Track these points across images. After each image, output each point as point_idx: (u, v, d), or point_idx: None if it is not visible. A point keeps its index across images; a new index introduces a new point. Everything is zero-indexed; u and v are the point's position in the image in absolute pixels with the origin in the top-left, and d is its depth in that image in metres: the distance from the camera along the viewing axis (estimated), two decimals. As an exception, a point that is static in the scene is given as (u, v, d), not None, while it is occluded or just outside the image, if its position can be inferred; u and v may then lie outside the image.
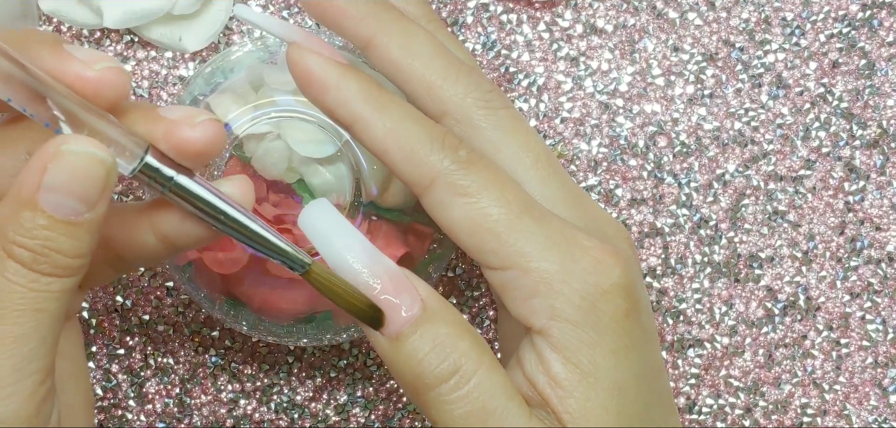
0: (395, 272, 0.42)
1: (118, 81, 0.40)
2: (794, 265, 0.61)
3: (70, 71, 0.39)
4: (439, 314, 0.42)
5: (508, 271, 0.43)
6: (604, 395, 0.43)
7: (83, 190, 0.37)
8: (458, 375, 0.42)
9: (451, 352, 0.42)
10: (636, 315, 0.43)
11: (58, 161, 0.37)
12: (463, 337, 0.42)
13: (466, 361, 0.42)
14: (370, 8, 0.45)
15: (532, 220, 0.43)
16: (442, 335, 0.42)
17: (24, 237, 0.37)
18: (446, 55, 0.45)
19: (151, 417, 0.61)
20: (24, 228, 0.37)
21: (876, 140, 0.61)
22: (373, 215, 0.52)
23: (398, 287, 0.42)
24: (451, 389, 0.42)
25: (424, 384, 0.42)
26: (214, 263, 0.52)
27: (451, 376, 0.42)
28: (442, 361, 0.42)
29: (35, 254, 0.37)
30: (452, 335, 0.42)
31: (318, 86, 0.44)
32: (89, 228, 0.38)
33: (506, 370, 0.45)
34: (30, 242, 0.37)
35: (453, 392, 0.42)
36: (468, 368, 0.42)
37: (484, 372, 0.42)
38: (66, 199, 0.37)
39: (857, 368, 0.61)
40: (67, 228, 0.38)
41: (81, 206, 0.38)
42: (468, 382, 0.42)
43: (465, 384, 0.42)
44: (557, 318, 0.43)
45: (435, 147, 0.43)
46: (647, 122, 0.61)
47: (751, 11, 0.61)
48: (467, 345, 0.42)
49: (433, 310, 0.42)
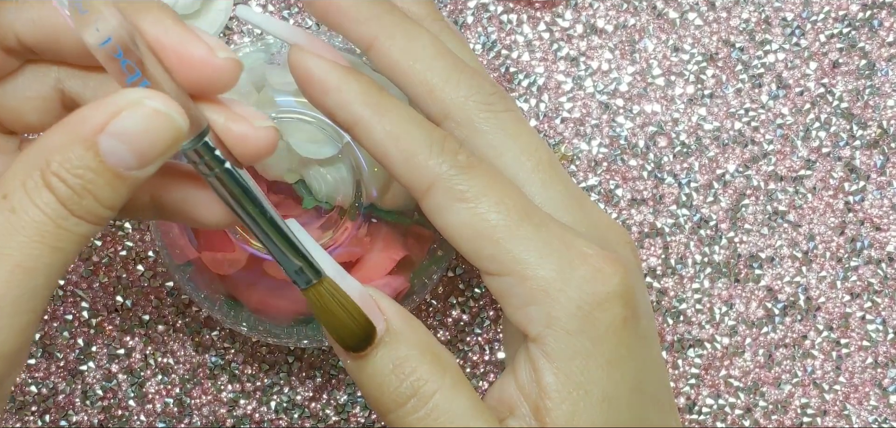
0: (360, 292, 0.42)
1: (235, 75, 0.40)
2: (795, 265, 0.61)
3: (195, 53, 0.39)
4: (401, 335, 0.42)
5: (506, 278, 0.43)
6: (593, 407, 0.42)
7: (146, 148, 0.37)
8: (415, 397, 0.42)
9: (409, 374, 0.42)
10: (634, 323, 0.43)
11: (134, 111, 0.36)
12: (424, 358, 0.42)
13: (425, 384, 0.42)
14: (373, 9, 0.45)
15: (531, 226, 0.43)
16: (402, 357, 0.42)
17: (67, 172, 0.36)
18: (448, 57, 0.45)
19: (151, 417, 0.61)
20: (70, 163, 0.36)
21: (876, 140, 0.61)
22: (373, 217, 0.52)
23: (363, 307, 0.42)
24: (410, 412, 0.42)
25: (385, 406, 0.42)
26: (214, 263, 0.52)
27: (409, 399, 0.42)
28: (401, 384, 0.42)
29: (73, 192, 0.36)
30: (413, 357, 0.42)
31: (319, 87, 0.44)
32: (130, 185, 0.37)
33: (501, 376, 0.45)
34: (72, 178, 0.36)
35: (412, 414, 0.42)
36: (427, 389, 0.42)
37: (444, 393, 0.42)
38: (126, 151, 0.36)
39: (857, 368, 0.61)
40: (112, 178, 0.37)
41: (135, 163, 0.37)
42: (426, 404, 0.42)
43: (423, 406, 0.42)
44: (553, 326, 0.42)
45: (434, 151, 0.43)
46: (648, 123, 0.61)
47: (751, 11, 0.61)
48: (428, 366, 0.42)
49: (395, 331, 0.42)
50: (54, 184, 0.36)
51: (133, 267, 0.61)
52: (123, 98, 0.36)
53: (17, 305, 0.36)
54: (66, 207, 0.36)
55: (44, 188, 0.36)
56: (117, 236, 0.61)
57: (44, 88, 0.43)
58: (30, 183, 0.36)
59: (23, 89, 0.43)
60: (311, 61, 0.43)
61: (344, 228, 0.51)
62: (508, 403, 0.44)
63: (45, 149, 0.37)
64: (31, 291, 0.37)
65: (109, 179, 0.37)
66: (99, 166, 0.36)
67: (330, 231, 0.51)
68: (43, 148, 0.37)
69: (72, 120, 0.37)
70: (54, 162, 0.36)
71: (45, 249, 0.37)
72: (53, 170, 0.36)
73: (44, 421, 0.61)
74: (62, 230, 0.37)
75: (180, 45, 0.39)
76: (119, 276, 0.61)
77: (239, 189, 0.40)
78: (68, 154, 0.36)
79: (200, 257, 0.52)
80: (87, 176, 0.36)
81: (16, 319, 0.37)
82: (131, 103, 0.36)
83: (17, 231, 0.36)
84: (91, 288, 0.61)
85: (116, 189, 0.37)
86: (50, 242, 0.37)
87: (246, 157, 0.40)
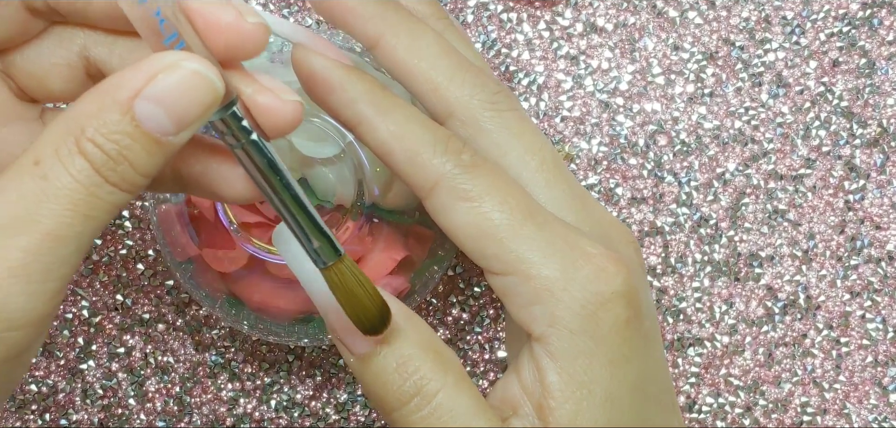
0: None
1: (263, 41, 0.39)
2: (795, 264, 0.61)
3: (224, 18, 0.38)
4: (404, 334, 0.42)
5: (510, 277, 0.43)
6: (596, 406, 0.43)
7: (183, 111, 0.36)
8: (419, 396, 0.42)
9: (413, 373, 0.42)
10: (638, 323, 0.43)
11: (171, 73, 0.36)
12: (427, 356, 0.42)
13: (428, 382, 0.42)
14: (377, 7, 0.45)
15: (534, 225, 0.43)
16: (405, 356, 0.42)
17: (103, 138, 0.35)
18: (453, 56, 0.45)
19: (151, 416, 0.61)
20: (106, 128, 0.35)
21: (876, 139, 0.61)
22: (375, 217, 0.52)
23: None
24: (413, 411, 0.42)
25: (388, 404, 0.42)
26: (215, 261, 0.52)
27: (412, 398, 0.42)
28: (404, 382, 0.42)
29: (108, 158, 0.36)
30: (416, 355, 0.42)
31: (323, 86, 0.44)
32: (167, 152, 0.37)
33: (504, 375, 0.45)
34: (107, 144, 0.36)
35: (415, 413, 0.42)
36: (430, 388, 0.42)
37: (447, 392, 0.42)
38: (164, 115, 0.36)
39: (857, 366, 0.61)
40: (149, 144, 0.36)
41: (172, 127, 0.36)
42: (429, 402, 0.42)
43: (426, 405, 0.42)
44: (556, 325, 0.42)
45: (438, 150, 0.43)
46: (648, 121, 0.61)
47: (751, 10, 0.61)
48: (431, 365, 0.42)
49: (399, 329, 0.42)
50: (89, 150, 0.36)
51: (133, 266, 0.61)
52: (160, 61, 0.36)
53: (47, 272, 0.36)
54: (101, 174, 0.36)
55: (78, 155, 0.36)
56: (117, 235, 0.61)
57: (69, 54, 0.42)
58: (63, 149, 0.36)
59: (48, 55, 0.42)
60: (314, 60, 0.43)
61: (345, 227, 0.51)
62: (512, 402, 0.44)
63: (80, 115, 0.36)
64: (62, 258, 0.36)
65: (146, 145, 0.36)
66: (135, 131, 0.36)
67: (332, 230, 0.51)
68: (77, 114, 0.36)
69: (107, 85, 0.36)
70: (90, 128, 0.36)
71: (78, 217, 0.36)
72: (89, 136, 0.36)
73: (44, 420, 0.61)
74: (95, 198, 0.36)
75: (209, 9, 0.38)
76: (119, 275, 0.61)
77: (265, 161, 0.39)
78: (104, 119, 0.36)
79: (201, 254, 0.52)
80: (123, 142, 0.36)
81: (45, 286, 0.36)
82: (168, 66, 0.36)
83: (48, 198, 0.35)
84: (91, 287, 0.61)
85: (153, 155, 0.36)
86: (83, 210, 0.36)
87: (271, 129, 0.40)
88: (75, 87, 0.43)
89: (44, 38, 0.42)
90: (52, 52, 0.42)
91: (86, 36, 0.42)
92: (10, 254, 0.35)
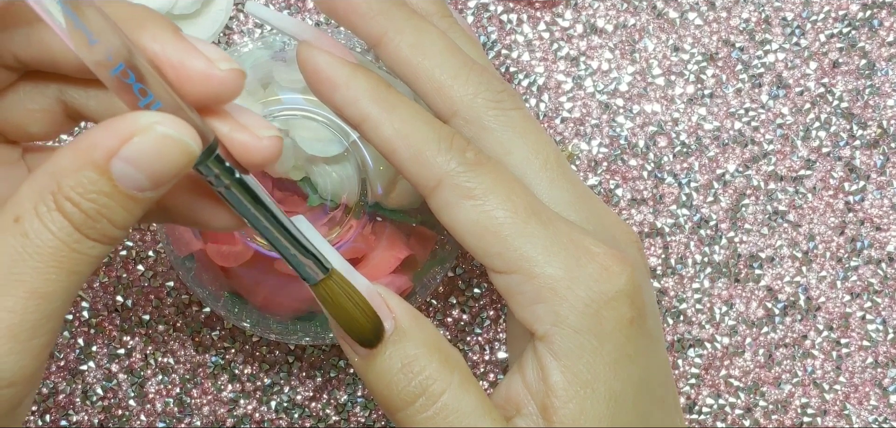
0: (369, 289, 0.42)
1: (238, 85, 0.39)
2: (795, 265, 0.61)
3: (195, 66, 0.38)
4: (410, 333, 0.42)
5: (513, 275, 0.43)
6: (600, 405, 0.43)
7: (159, 172, 0.36)
8: (424, 396, 0.42)
9: (418, 372, 0.42)
10: (641, 322, 0.43)
11: (146, 136, 0.36)
12: (432, 356, 0.42)
13: (434, 382, 0.42)
14: (382, 5, 0.45)
15: (538, 224, 0.43)
16: (411, 355, 0.42)
17: (80, 196, 0.36)
18: (457, 54, 0.45)
19: (151, 417, 0.61)
20: (82, 187, 0.36)
21: (876, 140, 0.61)
22: (378, 216, 0.52)
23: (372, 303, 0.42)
24: (419, 411, 0.42)
25: (393, 404, 0.42)
26: (218, 255, 0.52)
27: (417, 398, 0.42)
28: (409, 382, 0.42)
29: (87, 216, 0.36)
30: (421, 355, 0.42)
31: (328, 84, 0.44)
32: (144, 205, 0.37)
33: (508, 375, 0.45)
34: (85, 203, 0.36)
35: (420, 413, 0.42)
36: (435, 388, 0.42)
37: (452, 392, 0.42)
38: (138, 175, 0.36)
39: (857, 368, 0.61)
40: (125, 201, 0.36)
41: (148, 184, 0.36)
42: (435, 403, 0.42)
43: (432, 405, 0.42)
44: (560, 324, 0.42)
45: (442, 148, 0.43)
46: (648, 122, 0.61)
47: (751, 11, 0.61)
48: (436, 365, 0.42)
49: (404, 329, 0.42)
50: (68, 209, 0.36)
51: (133, 267, 0.61)
52: (134, 122, 0.36)
53: (33, 330, 0.36)
54: (81, 232, 0.36)
55: (57, 213, 0.36)
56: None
57: (45, 100, 0.42)
58: (42, 207, 0.36)
59: (24, 102, 0.42)
60: (319, 57, 0.43)
61: (349, 225, 0.51)
62: (515, 401, 0.44)
63: (56, 172, 0.36)
64: (48, 314, 0.36)
65: (123, 202, 0.36)
66: (112, 190, 0.36)
67: (335, 229, 0.51)
68: (53, 171, 0.36)
69: (82, 143, 0.36)
70: (66, 186, 0.36)
71: (62, 274, 0.36)
72: (66, 194, 0.36)
73: (44, 421, 0.60)
74: (77, 254, 0.36)
75: (180, 60, 0.38)
76: (119, 275, 0.61)
77: (248, 196, 0.40)
78: (80, 178, 0.36)
79: (204, 249, 0.52)
80: (100, 200, 0.36)
81: (33, 343, 0.36)
82: (142, 128, 0.36)
83: (30, 256, 0.36)
84: (91, 288, 0.61)
85: (130, 210, 0.37)
86: (66, 266, 0.36)
87: (250, 165, 0.40)
88: (55, 128, 0.43)
89: (18, 87, 0.42)
90: (28, 98, 0.42)
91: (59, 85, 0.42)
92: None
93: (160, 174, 0.36)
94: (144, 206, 0.37)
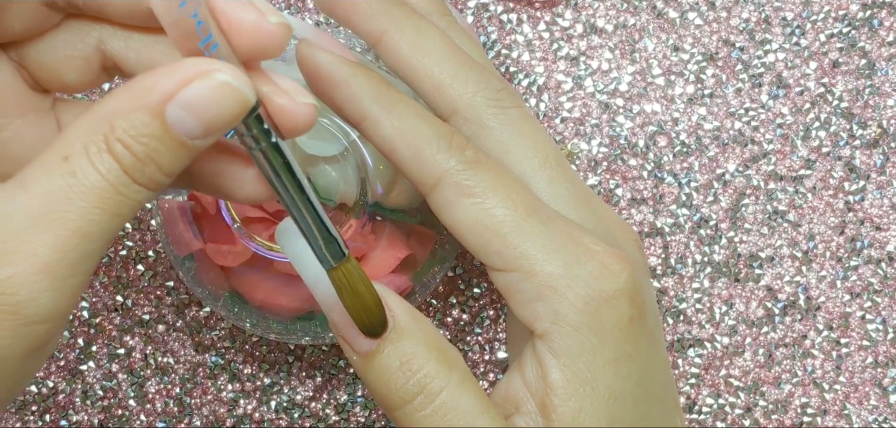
0: None
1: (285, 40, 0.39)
2: (794, 265, 0.61)
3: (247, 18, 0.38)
4: (408, 332, 0.42)
5: (513, 273, 0.43)
6: (599, 404, 0.43)
7: (214, 119, 0.36)
8: (422, 394, 0.42)
9: (416, 371, 0.42)
10: (641, 321, 0.43)
11: (206, 82, 0.35)
12: (430, 355, 0.42)
13: (432, 381, 0.42)
14: (381, 4, 0.45)
15: (538, 222, 0.43)
16: (409, 354, 0.42)
17: (132, 139, 0.35)
18: (457, 53, 0.45)
19: (151, 417, 0.61)
20: (135, 130, 0.35)
21: (876, 140, 0.61)
22: (377, 215, 0.52)
23: None
24: (417, 409, 0.42)
25: (392, 402, 0.42)
26: (218, 255, 0.52)
27: (416, 396, 0.42)
28: (408, 380, 0.42)
29: (137, 159, 0.36)
30: (420, 353, 0.42)
31: (328, 82, 0.44)
32: (192, 154, 0.37)
33: (507, 373, 0.45)
34: (136, 145, 0.36)
35: (419, 411, 0.42)
36: (433, 386, 0.42)
37: (451, 390, 0.42)
38: (194, 121, 0.36)
39: (857, 367, 0.61)
40: (176, 147, 0.36)
41: (201, 132, 0.36)
42: (433, 401, 0.42)
43: (430, 403, 0.42)
44: (560, 322, 0.42)
45: (442, 146, 0.43)
46: (648, 122, 0.61)
47: (751, 11, 0.61)
48: (434, 363, 0.42)
49: (403, 327, 0.42)
50: (119, 151, 0.36)
51: (133, 267, 0.61)
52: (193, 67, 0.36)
53: (72, 268, 0.36)
54: (129, 175, 0.36)
55: (107, 154, 0.36)
56: (117, 236, 0.61)
57: (85, 48, 0.42)
58: (93, 148, 0.36)
59: (64, 47, 0.42)
60: (319, 56, 0.43)
61: (348, 225, 0.51)
62: (514, 400, 0.44)
63: (110, 113, 0.36)
64: (87, 254, 0.36)
65: (173, 147, 0.36)
66: (164, 135, 0.36)
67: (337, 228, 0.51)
68: (107, 111, 0.36)
69: (138, 85, 0.36)
70: (119, 128, 0.36)
71: (105, 215, 0.36)
72: (118, 136, 0.36)
73: (44, 421, 0.61)
74: (122, 197, 0.36)
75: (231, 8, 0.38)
76: (119, 276, 0.61)
77: (282, 163, 0.39)
78: (134, 120, 0.36)
79: (204, 249, 0.52)
80: (151, 144, 0.36)
81: (70, 281, 0.36)
82: (201, 74, 0.36)
83: (77, 196, 0.36)
84: (91, 288, 0.61)
85: (179, 157, 0.37)
86: (110, 208, 0.36)
87: (286, 131, 0.39)
88: (90, 79, 0.43)
89: (59, 30, 0.42)
90: (68, 44, 0.42)
91: (102, 30, 0.42)
92: (39, 250, 0.35)
93: (214, 122, 0.36)
94: (192, 155, 0.37)
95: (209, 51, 0.37)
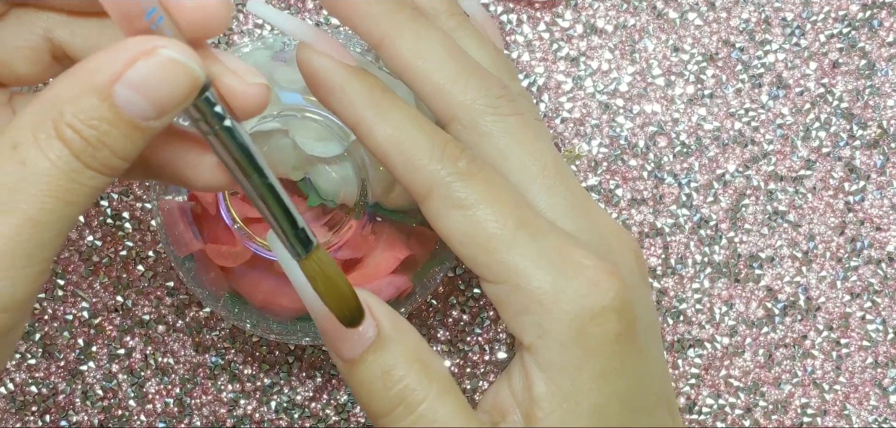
0: None
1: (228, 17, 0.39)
2: (795, 265, 0.61)
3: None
4: (391, 342, 0.43)
5: (502, 286, 0.43)
6: (583, 419, 0.43)
7: (164, 98, 0.35)
8: (402, 405, 0.42)
9: (397, 382, 0.42)
10: (630, 336, 0.43)
11: (151, 60, 0.35)
12: (411, 366, 0.43)
13: (412, 392, 0.42)
14: (384, 6, 0.45)
15: (527, 235, 0.43)
16: (390, 365, 0.42)
17: (81, 123, 0.35)
18: (458, 58, 0.45)
19: (151, 417, 0.61)
20: (84, 114, 0.35)
21: (876, 140, 0.61)
22: (377, 216, 0.52)
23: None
24: (397, 419, 0.42)
25: (374, 411, 0.43)
26: (218, 255, 0.52)
27: (396, 407, 0.42)
28: (389, 391, 0.42)
29: (87, 144, 0.35)
30: (401, 364, 0.42)
31: (324, 87, 0.44)
32: (146, 136, 0.36)
33: (497, 380, 0.45)
34: (86, 130, 0.35)
35: (400, 422, 0.42)
36: (413, 399, 0.42)
37: (430, 403, 0.42)
38: (143, 101, 0.35)
39: (857, 368, 0.61)
40: (128, 129, 0.35)
41: (152, 112, 0.35)
42: (412, 411, 0.42)
43: (410, 415, 0.42)
44: (546, 337, 0.42)
45: (434, 156, 0.43)
46: (648, 123, 0.61)
47: (751, 11, 0.61)
48: (415, 375, 0.42)
49: (386, 337, 0.43)
50: (68, 136, 0.35)
51: (133, 267, 0.61)
52: (139, 45, 0.35)
53: (28, 257, 0.36)
54: (80, 160, 0.35)
55: (56, 140, 0.35)
56: (117, 236, 0.61)
57: (32, 37, 0.42)
58: (42, 135, 0.35)
59: (11, 38, 0.42)
60: (317, 60, 0.43)
61: (348, 226, 0.51)
62: (501, 408, 0.44)
63: (57, 99, 0.35)
64: (43, 243, 0.36)
65: (125, 130, 0.36)
66: (115, 117, 0.35)
67: (335, 229, 0.51)
68: (54, 97, 0.36)
69: (83, 69, 0.36)
70: (67, 113, 0.35)
71: (58, 203, 0.36)
72: (67, 121, 0.35)
73: (44, 421, 0.61)
74: (75, 184, 0.36)
75: None
76: (119, 276, 0.61)
77: (238, 148, 0.39)
78: (82, 104, 0.35)
79: (204, 250, 0.52)
80: (102, 127, 0.35)
81: (26, 270, 0.36)
82: (146, 52, 0.35)
83: (28, 184, 0.35)
84: (91, 288, 0.61)
85: (133, 139, 0.36)
86: (63, 196, 0.36)
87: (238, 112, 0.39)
88: (41, 70, 0.42)
89: (5, 22, 0.42)
90: (14, 35, 0.42)
91: (48, 18, 0.41)
92: None
93: (165, 101, 0.36)
94: (147, 138, 0.36)
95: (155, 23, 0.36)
